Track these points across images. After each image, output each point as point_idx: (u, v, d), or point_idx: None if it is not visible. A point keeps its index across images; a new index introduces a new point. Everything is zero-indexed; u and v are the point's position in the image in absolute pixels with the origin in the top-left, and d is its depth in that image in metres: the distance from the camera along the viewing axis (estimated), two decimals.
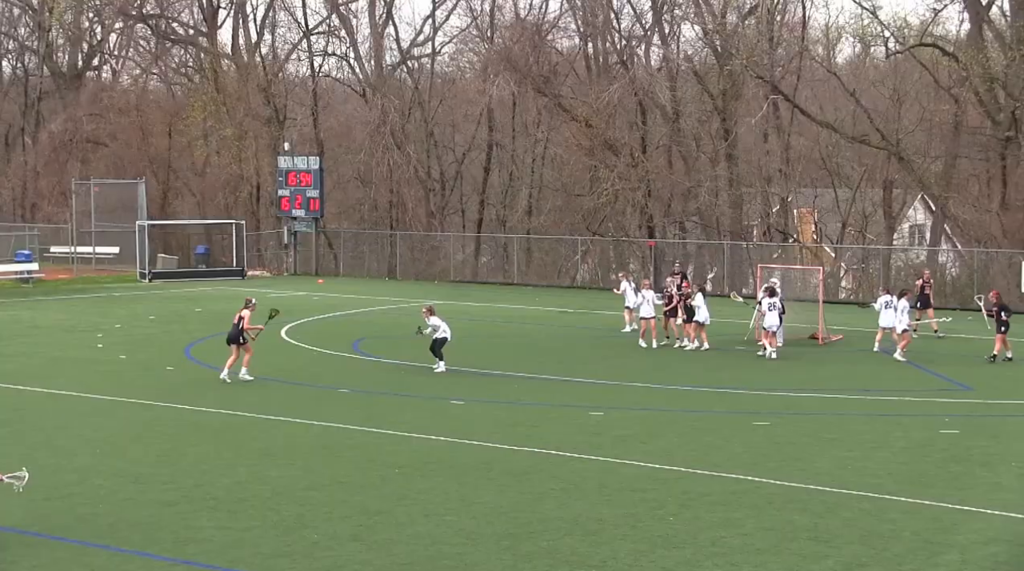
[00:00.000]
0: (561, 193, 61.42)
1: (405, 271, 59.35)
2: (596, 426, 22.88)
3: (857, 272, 54.53)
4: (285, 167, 58.78)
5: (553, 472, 18.95)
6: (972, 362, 31.25)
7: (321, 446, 20.96)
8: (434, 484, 18.16)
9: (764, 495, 17.50)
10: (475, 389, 27.13)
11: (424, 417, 23.69)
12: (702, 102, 57.44)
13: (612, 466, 19.40)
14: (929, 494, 17.58)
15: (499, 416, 24.01)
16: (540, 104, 60.75)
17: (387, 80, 65.78)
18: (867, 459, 19.90)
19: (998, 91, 50.58)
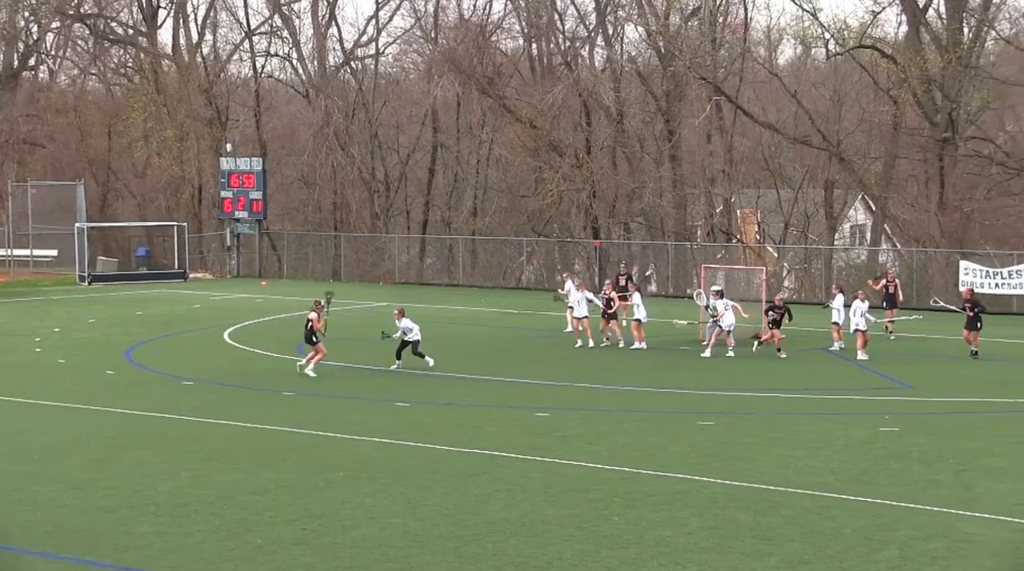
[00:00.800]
0: (506, 194, 61.47)
1: (349, 273, 59.12)
2: (541, 427, 22.92)
3: (799, 272, 54.97)
4: (227, 168, 58.40)
5: (498, 473, 18.96)
6: (913, 360, 31.62)
7: (265, 449, 20.85)
8: (379, 487, 18.12)
9: (708, 494, 17.62)
10: (420, 391, 27.08)
11: (369, 419, 23.63)
12: (646, 103, 57.69)
13: (557, 467, 19.45)
14: (870, 491, 17.77)
15: (444, 418, 24.00)
16: (485, 105, 60.76)
17: (330, 81, 65.53)
18: (810, 457, 20.09)
19: (935, 92, 51.18)
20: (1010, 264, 42.94)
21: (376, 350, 33.66)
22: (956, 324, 35.83)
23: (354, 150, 62.89)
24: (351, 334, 37.28)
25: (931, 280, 46.37)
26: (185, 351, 33.61)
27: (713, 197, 57.45)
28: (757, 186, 59.83)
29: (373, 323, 40.40)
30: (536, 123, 56.64)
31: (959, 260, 44.35)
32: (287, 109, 70.73)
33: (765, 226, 59.73)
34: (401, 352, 29.62)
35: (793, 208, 57.06)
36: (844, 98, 55.25)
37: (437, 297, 48.80)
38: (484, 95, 59.54)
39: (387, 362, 30.84)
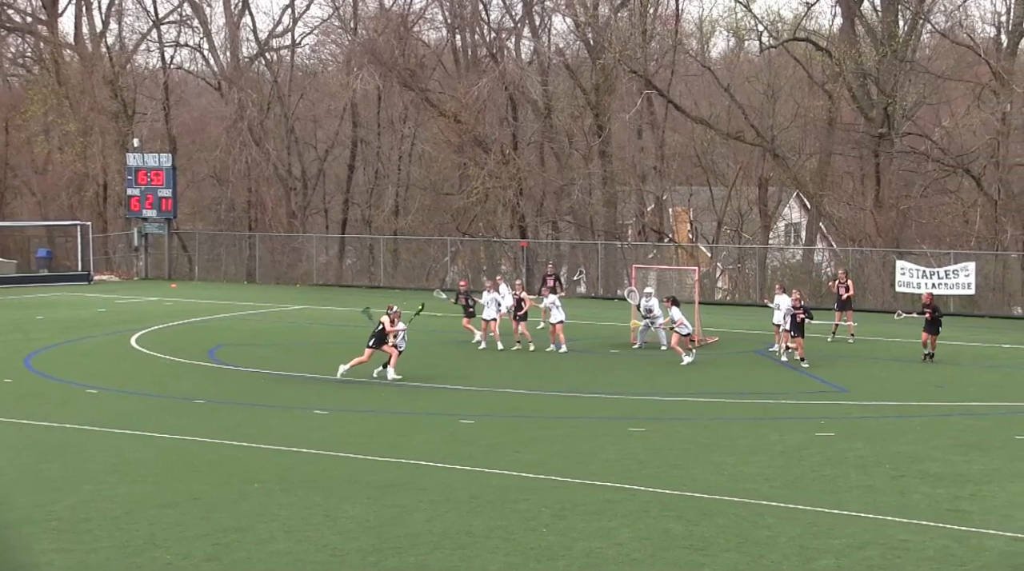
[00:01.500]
0: (429, 192, 61.44)
1: (265, 274, 58.78)
2: (467, 435, 22.93)
3: (733, 272, 55.47)
4: (134, 165, 57.83)
5: (422, 483, 18.95)
6: (849, 364, 32.02)
7: (175, 461, 20.66)
8: (296, 499, 18.04)
9: (640, 503, 17.73)
10: (340, 398, 26.98)
11: (285, 428, 23.51)
12: (575, 97, 57.94)
13: (483, 476, 19.47)
14: (805, 498, 17.98)
15: (365, 426, 23.93)
16: (406, 99, 60.67)
17: (244, 73, 65.09)
18: (744, 464, 20.28)
19: (870, 87, 51.88)
20: (947, 264, 43.62)
21: (294, 355, 33.50)
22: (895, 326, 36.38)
23: (269, 145, 62.52)
24: (266, 339, 37.06)
25: (867, 280, 47.01)
26: (89, 358, 33.22)
27: (644, 195, 57.78)
28: (689, 183, 60.31)
29: (291, 328, 40.24)
30: (460, 118, 56.65)
31: (895, 259, 44.99)
32: (198, 102, 70.14)
33: (698, 225, 60.21)
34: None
35: (726, 206, 57.58)
36: (778, 92, 55.85)
37: (357, 299, 48.60)
38: (406, 88, 59.44)
39: (306, 368, 30.72)
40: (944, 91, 53.30)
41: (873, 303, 46.28)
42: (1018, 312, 46.21)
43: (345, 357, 29.78)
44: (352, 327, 39.15)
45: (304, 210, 64.07)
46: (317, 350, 34.85)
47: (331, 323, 41.40)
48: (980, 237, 49.30)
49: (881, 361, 32.47)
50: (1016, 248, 48.41)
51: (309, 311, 45.00)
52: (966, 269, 41.81)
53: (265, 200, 63.34)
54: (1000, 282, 47.20)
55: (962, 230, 50.62)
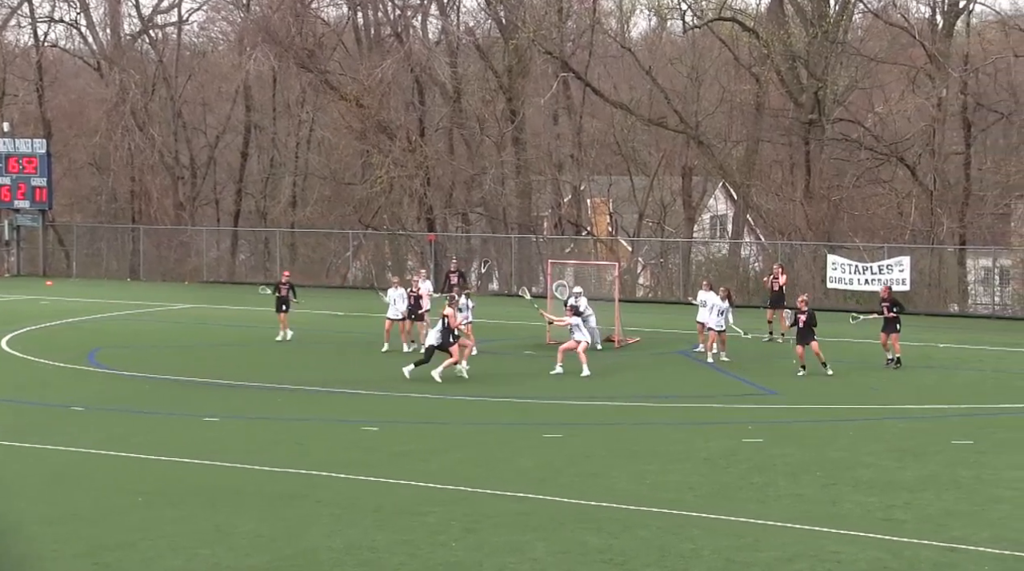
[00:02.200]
0: (330, 181, 61.15)
1: (150, 271, 58.18)
2: (370, 442, 22.88)
3: (656, 267, 55.82)
4: (5, 151, 57.05)
5: (321, 495, 18.89)
6: (779, 364, 32.35)
7: (52, 473, 20.41)
8: (184, 513, 17.89)
9: (555, 515, 17.80)
10: (232, 404, 26.80)
11: (173, 437, 23.29)
12: (486, 80, 57.95)
13: (388, 487, 19.44)
14: (731, 508, 18.16)
15: (260, 434, 23.79)
16: (304, 81, 60.33)
17: (126, 52, 64.34)
18: (666, 472, 20.44)
19: (800, 70, 52.41)
20: (880, 258, 44.20)
21: (182, 358, 33.20)
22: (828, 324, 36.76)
23: (154, 131, 61.89)
24: (151, 341, 36.71)
25: (797, 276, 47.48)
26: None
27: (561, 185, 57.96)
28: (609, 173, 60.58)
29: (179, 329, 39.87)
30: (363, 101, 56.43)
31: (826, 254, 45.51)
32: (75, 83, 69.17)
33: (618, 217, 60.48)
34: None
35: (648, 197, 57.90)
36: (703, 76, 56.23)
37: (251, 298, 48.27)
38: (303, 70, 59.10)
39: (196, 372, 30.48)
40: (877, 75, 54.00)
41: None
42: (955, 309, 46.98)
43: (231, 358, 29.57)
44: (247, 327, 38.91)
45: (193, 201, 63.50)
46: (208, 352, 34.57)
47: (223, 323, 41.09)
48: (915, 230, 50.01)
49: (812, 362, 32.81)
50: (952, 242, 49.17)
51: (199, 310, 44.62)
52: (900, 264, 42.39)
53: (150, 190, 62.66)
54: (936, 277, 47.91)
55: (896, 223, 51.32)
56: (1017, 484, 19.71)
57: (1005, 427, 24.66)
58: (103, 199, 64.62)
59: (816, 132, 51.60)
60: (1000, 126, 51.82)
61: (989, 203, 50.55)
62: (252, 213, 63.41)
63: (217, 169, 65.27)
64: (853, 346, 34.61)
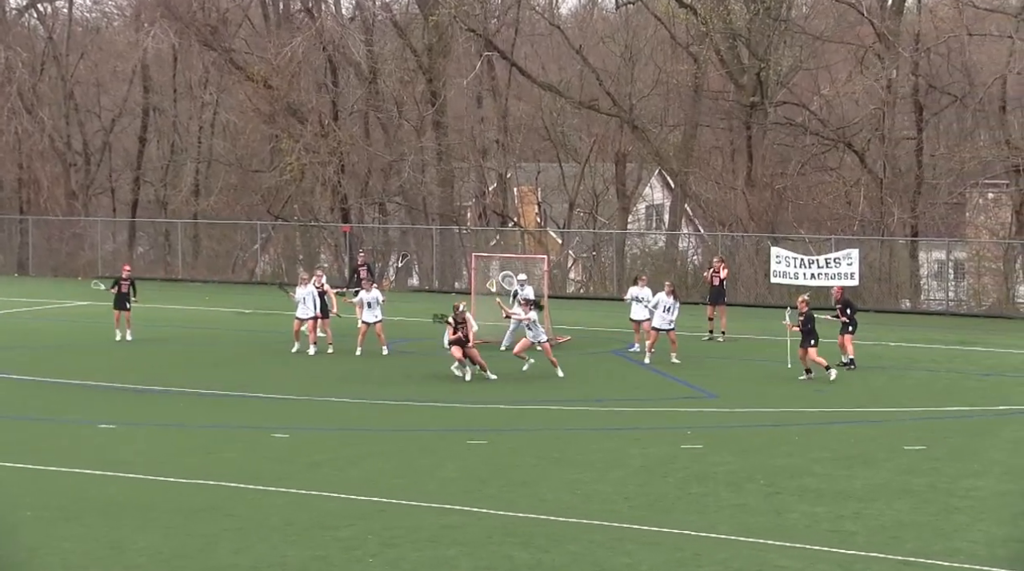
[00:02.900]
0: (236, 168, 60.80)
1: (40, 265, 57.59)
2: (282, 451, 22.80)
3: (587, 261, 55.94)
4: None
5: (229, 509, 18.80)
6: (719, 366, 32.56)
7: None
8: (80, 529, 17.74)
9: (481, 528, 17.82)
10: (131, 410, 26.59)
11: (66, 446, 23.09)
12: (404, 59, 57.81)
13: (301, 499, 19.39)
14: (669, 520, 18.26)
15: (162, 442, 23.62)
16: (207, 60, 59.92)
17: (11, 28, 63.60)
18: (599, 481, 20.52)
19: (741, 49, 52.66)
20: (827, 251, 44.48)
21: (77, 360, 32.90)
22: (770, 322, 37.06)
23: (44, 113, 61.24)
24: (42, 342, 36.35)
25: (739, 270, 47.81)
26: None
27: (485, 172, 57.95)
28: (537, 159, 60.63)
29: (73, 328, 39.50)
30: (271, 82, 56.14)
31: (770, 246, 45.77)
32: None
33: (547, 207, 60.57)
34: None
35: (579, 185, 58.01)
36: (637, 55, 56.39)
37: (151, 294, 47.86)
38: (206, 48, 58.70)
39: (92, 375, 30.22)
40: (823, 55, 54.38)
41: (746, 296, 47.10)
42: (907, 305, 47.45)
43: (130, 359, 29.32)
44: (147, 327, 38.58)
45: (87, 190, 62.89)
46: (104, 354, 34.28)
47: None
48: (864, 221, 50.37)
49: (755, 363, 33.07)
50: (904, 233, 49.58)
51: (94, 308, 44.19)
52: (849, 257, 42.69)
53: (40, 178, 61.98)
54: (887, 271, 48.32)
55: (844, 213, 51.67)
56: (973, 493, 19.97)
57: (960, 432, 24.97)
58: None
59: (758, 116, 51.91)
60: (953, 109, 52.23)
61: (943, 192, 50.97)
62: (151, 203, 62.89)
63: (113, 155, 64.64)
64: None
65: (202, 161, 61.16)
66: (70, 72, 63.01)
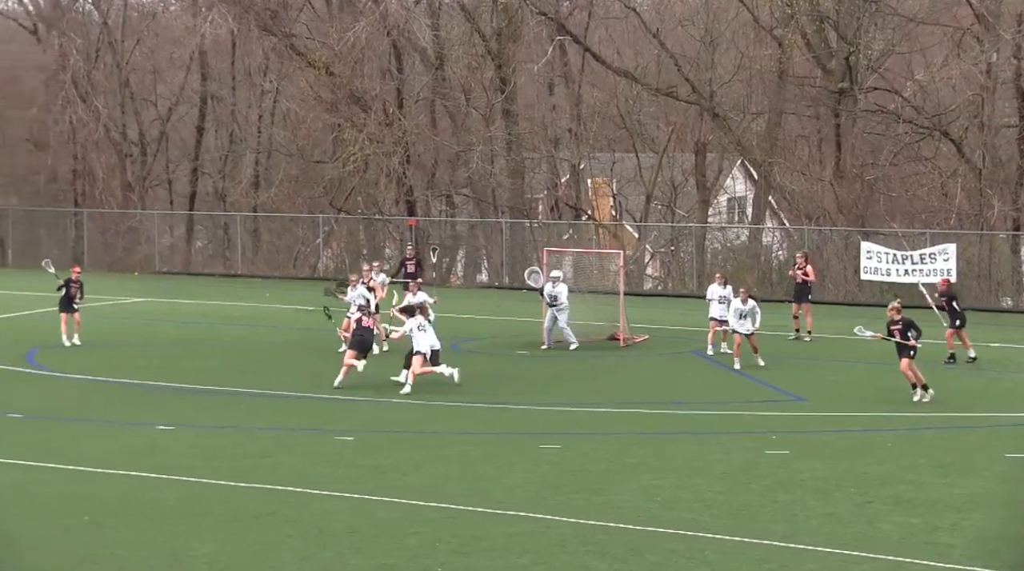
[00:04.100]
0: (297, 159, 61.05)
1: (95, 260, 58.03)
2: (345, 454, 22.86)
3: (665, 256, 55.76)
4: None
5: (290, 515, 18.85)
6: (806, 367, 32.34)
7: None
8: (135, 535, 17.85)
9: (554, 536, 17.77)
10: (188, 411, 26.76)
11: (122, 448, 23.26)
12: (472, 45, 57.81)
13: (365, 505, 19.42)
14: (753, 530, 18.14)
15: (220, 445, 23.75)
16: (267, 46, 60.19)
17: (66, 13, 64.18)
18: (679, 488, 20.42)
19: (829, 33, 52.27)
20: (922, 246, 44.14)
21: (132, 359, 33.14)
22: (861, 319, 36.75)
23: (99, 102, 61.74)
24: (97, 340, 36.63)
25: (827, 266, 47.47)
26: None
27: (557, 163, 57.88)
28: (612, 149, 60.52)
29: (127, 326, 39.81)
30: (333, 69, 56.32)
31: (860, 241, 45.46)
32: (8, 49, 69.00)
33: (622, 199, 60.46)
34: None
35: (657, 177, 57.84)
36: (718, 40, 56.10)
37: (209, 290, 48.28)
38: (266, 33, 58.96)
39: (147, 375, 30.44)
40: (918, 37, 53.86)
41: (835, 294, 46.76)
42: (1007, 303, 46.87)
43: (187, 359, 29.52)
44: (205, 324, 38.84)
45: (143, 181, 63.36)
46: (161, 352, 34.50)
47: (178, 319, 41.03)
48: (961, 214, 49.90)
49: (845, 364, 32.84)
50: (1005, 227, 49.02)
51: (150, 305, 44.55)
52: (945, 252, 42.37)
53: (95, 169, 62.52)
54: (986, 268, 47.81)
55: (940, 205, 51.22)
56: None
57: None
58: (42, 179, 64.38)
59: (847, 103, 51.51)
60: None
61: None
62: (209, 195, 63.27)
63: (170, 146, 65.11)
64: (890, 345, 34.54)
65: (262, 151, 61.46)
66: (125, 59, 63.45)
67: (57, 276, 35.65)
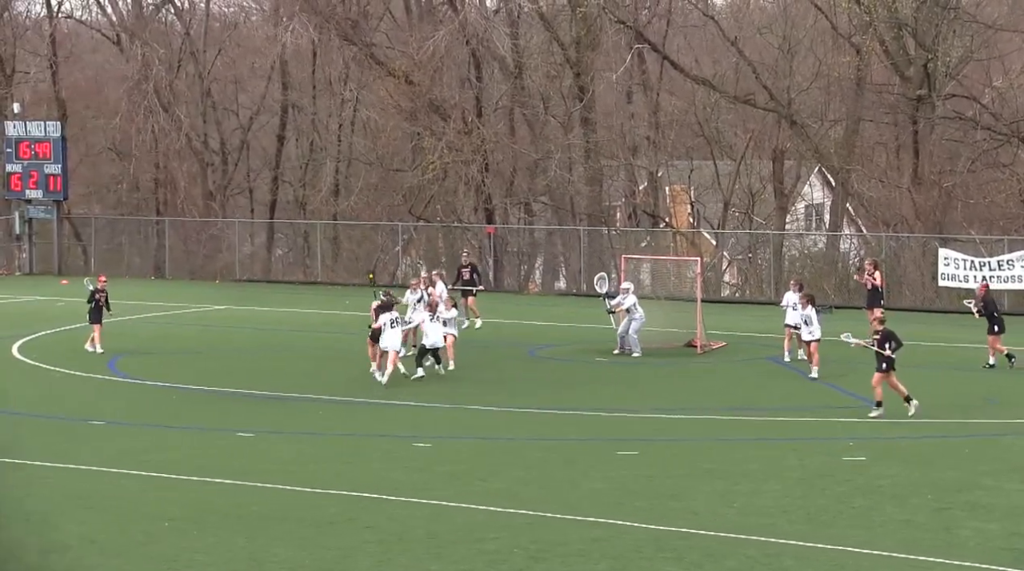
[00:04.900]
0: (376, 167, 61.33)
1: (177, 268, 58.55)
2: (423, 460, 22.93)
3: (743, 263, 55.58)
4: (15, 135, 57.55)
5: (368, 520, 18.94)
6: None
7: (67, 495, 20.56)
8: (215, 540, 17.99)
9: (630, 542, 17.76)
10: (269, 417, 26.93)
11: (203, 454, 23.44)
12: (551, 53, 57.92)
13: (443, 510, 19.47)
14: (830, 535, 18.04)
15: (299, 451, 23.89)
16: (347, 55, 60.52)
17: (149, 23, 64.78)
18: (755, 494, 20.35)
19: (907, 40, 51.98)
20: (1000, 252, 43.78)
21: (213, 366, 33.38)
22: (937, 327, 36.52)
23: (181, 112, 62.27)
24: (178, 347, 36.96)
25: (904, 272, 47.17)
26: None
27: (635, 170, 57.83)
28: (690, 157, 60.38)
29: (208, 333, 40.11)
30: (413, 78, 56.57)
31: (938, 247, 45.14)
32: (92, 59, 69.77)
33: (700, 207, 60.31)
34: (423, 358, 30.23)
35: (734, 184, 57.69)
36: (796, 47, 55.94)
37: (289, 298, 48.57)
38: (347, 42, 59.29)
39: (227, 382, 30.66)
40: (996, 44, 53.46)
41: (911, 300, 46.49)
42: None
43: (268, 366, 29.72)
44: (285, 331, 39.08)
45: (224, 190, 63.85)
46: (241, 359, 34.75)
47: (258, 326, 41.30)
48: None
49: (921, 369, 32.56)
50: None
51: (231, 312, 44.88)
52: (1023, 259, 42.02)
53: (176, 178, 63.07)
54: None
55: (1018, 211, 50.83)
56: None
57: None
58: (124, 188, 65.03)
59: (925, 110, 51.19)
60: None
61: None
62: (290, 203, 63.66)
63: (251, 154, 65.57)
64: (967, 351, 34.29)
65: (342, 160, 61.81)
66: (207, 69, 63.98)
67: (90, 284, 35.56)
